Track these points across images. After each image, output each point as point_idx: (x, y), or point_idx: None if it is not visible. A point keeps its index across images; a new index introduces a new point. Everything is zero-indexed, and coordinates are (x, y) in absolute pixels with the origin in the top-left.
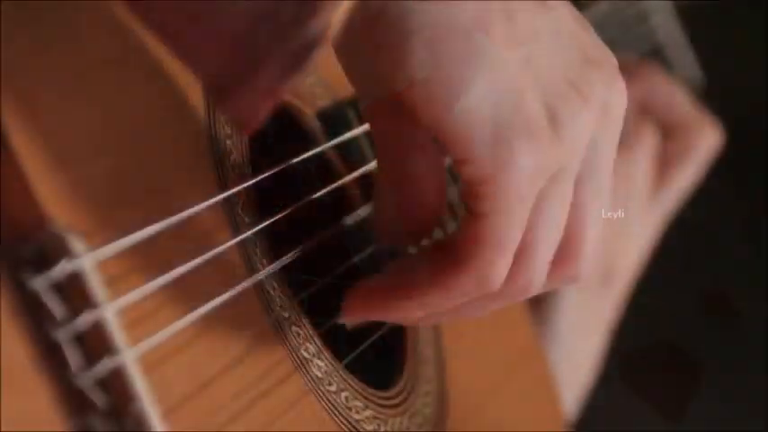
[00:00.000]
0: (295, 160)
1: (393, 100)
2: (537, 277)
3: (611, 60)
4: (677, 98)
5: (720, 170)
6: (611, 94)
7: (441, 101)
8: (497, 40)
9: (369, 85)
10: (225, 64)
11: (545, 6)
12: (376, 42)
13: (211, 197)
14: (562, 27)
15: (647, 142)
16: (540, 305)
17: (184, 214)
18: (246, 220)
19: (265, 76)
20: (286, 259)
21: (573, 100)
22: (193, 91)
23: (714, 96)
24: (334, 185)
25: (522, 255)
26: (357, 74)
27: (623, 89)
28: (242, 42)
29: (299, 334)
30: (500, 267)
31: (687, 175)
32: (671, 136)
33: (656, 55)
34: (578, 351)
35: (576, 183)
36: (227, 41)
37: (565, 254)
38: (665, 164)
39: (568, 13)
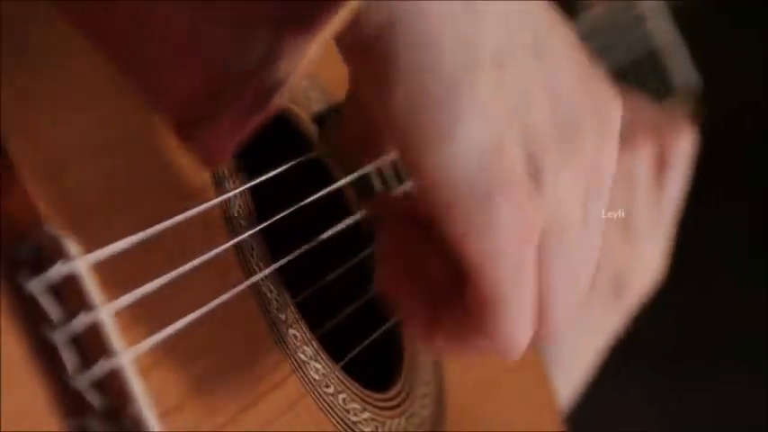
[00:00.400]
0: (291, 164)
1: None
2: (557, 328)
3: (610, 117)
4: (643, 110)
5: (717, 171)
6: (600, 155)
7: (418, 147)
8: (483, 89)
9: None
10: (190, 100)
11: (541, 56)
12: (364, 72)
13: (208, 200)
14: (558, 78)
15: (644, 146)
16: None
17: (181, 217)
18: (243, 223)
19: (229, 115)
20: (282, 262)
21: (557, 155)
22: None
23: (711, 99)
24: (330, 188)
25: (540, 312)
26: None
27: (614, 150)
28: (209, 79)
29: (296, 336)
30: (513, 328)
31: (675, 181)
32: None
33: (653, 59)
34: (578, 355)
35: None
36: (193, 78)
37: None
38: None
39: (570, 62)
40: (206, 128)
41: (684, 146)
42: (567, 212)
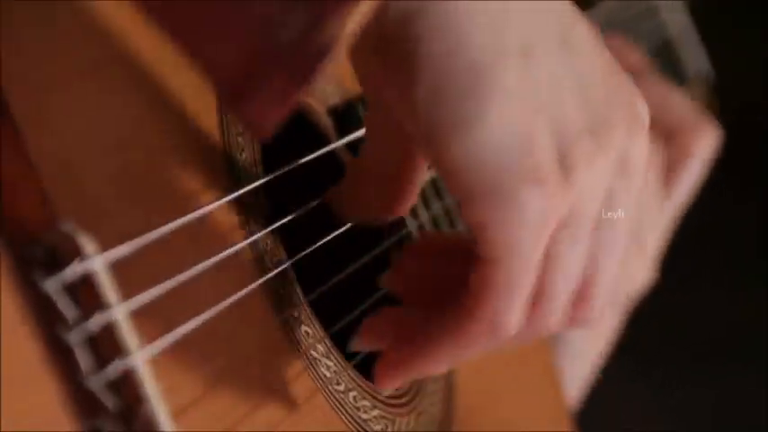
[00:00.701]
0: (306, 159)
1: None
2: (553, 320)
3: (638, 112)
4: (671, 100)
5: (730, 163)
6: (631, 147)
7: (444, 136)
8: (511, 76)
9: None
10: (237, 68)
11: (569, 49)
12: (385, 65)
13: (223, 197)
14: (586, 72)
15: (653, 141)
16: None
17: (196, 214)
18: (258, 219)
19: (277, 83)
20: (296, 259)
21: (588, 146)
22: (205, 89)
23: (724, 89)
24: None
25: (537, 299)
26: (367, 87)
27: (644, 145)
28: (255, 47)
29: (308, 334)
30: (511, 315)
31: (689, 179)
32: (669, 140)
33: (666, 49)
34: (581, 352)
35: (591, 230)
36: (240, 46)
37: (576, 297)
38: (667, 169)
39: (596, 56)
40: (254, 97)
41: (707, 142)
42: (586, 205)
